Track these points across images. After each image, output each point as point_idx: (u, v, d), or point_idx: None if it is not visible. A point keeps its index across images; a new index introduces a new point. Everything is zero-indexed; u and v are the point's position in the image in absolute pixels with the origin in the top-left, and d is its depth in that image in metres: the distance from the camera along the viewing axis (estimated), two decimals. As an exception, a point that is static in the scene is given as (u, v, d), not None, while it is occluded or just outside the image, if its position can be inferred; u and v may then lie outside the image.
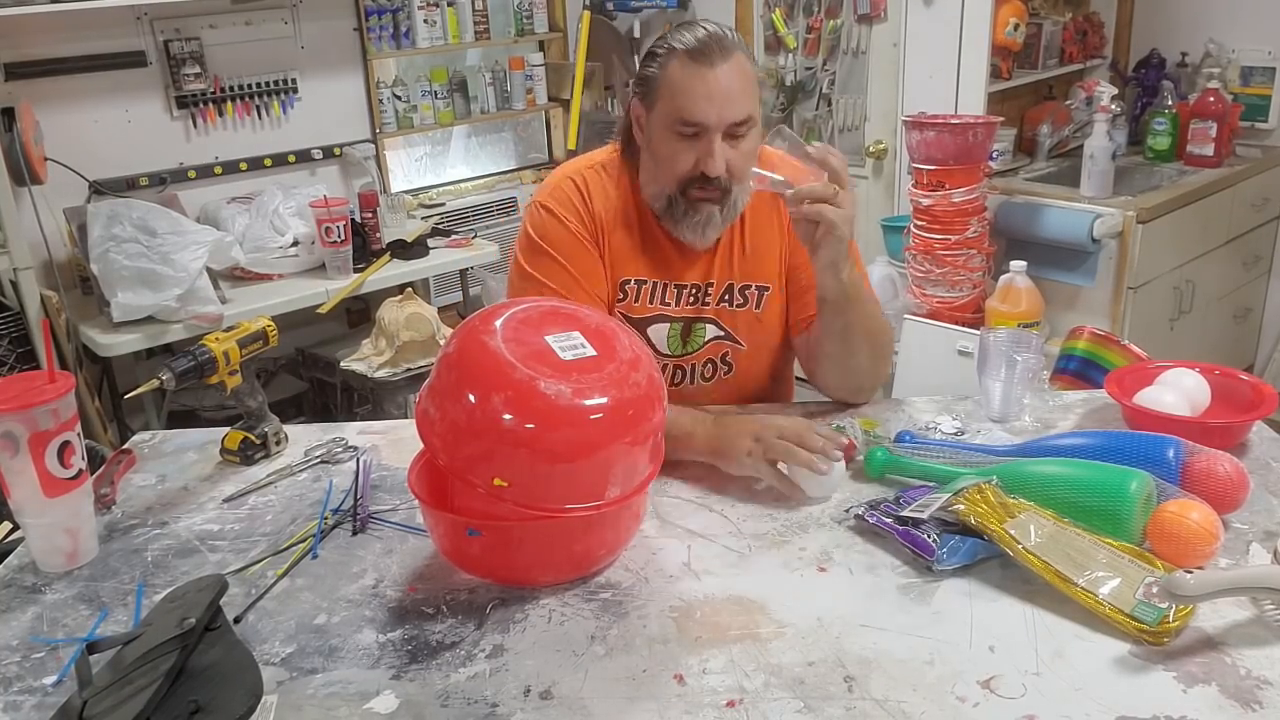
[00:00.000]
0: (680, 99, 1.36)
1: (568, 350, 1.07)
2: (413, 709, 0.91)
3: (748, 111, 1.37)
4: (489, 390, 1.02)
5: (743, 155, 1.39)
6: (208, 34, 3.10)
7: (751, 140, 1.40)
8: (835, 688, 0.90)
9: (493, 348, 1.04)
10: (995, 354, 1.38)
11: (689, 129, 1.37)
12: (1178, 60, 3.37)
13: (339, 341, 3.20)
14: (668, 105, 1.38)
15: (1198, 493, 1.09)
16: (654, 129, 1.41)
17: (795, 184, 1.28)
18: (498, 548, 1.07)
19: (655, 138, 1.41)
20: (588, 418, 1.02)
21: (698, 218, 1.42)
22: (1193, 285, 3.04)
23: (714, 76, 1.35)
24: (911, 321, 2.84)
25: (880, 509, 1.14)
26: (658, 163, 1.42)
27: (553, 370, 1.03)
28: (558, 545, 1.07)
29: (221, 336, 1.39)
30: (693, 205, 1.41)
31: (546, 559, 1.07)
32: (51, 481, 1.11)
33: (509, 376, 1.01)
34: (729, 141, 1.38)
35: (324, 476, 1.36)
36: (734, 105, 1.36)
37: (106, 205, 2.67)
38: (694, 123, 1.36)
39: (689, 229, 1.44)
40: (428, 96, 3.60)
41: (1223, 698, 0.87)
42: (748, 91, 1.38)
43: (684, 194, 1.41)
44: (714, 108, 1.35)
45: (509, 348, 1.04)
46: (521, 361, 1.03)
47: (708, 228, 1.43)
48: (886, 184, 3.42)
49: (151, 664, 0.91)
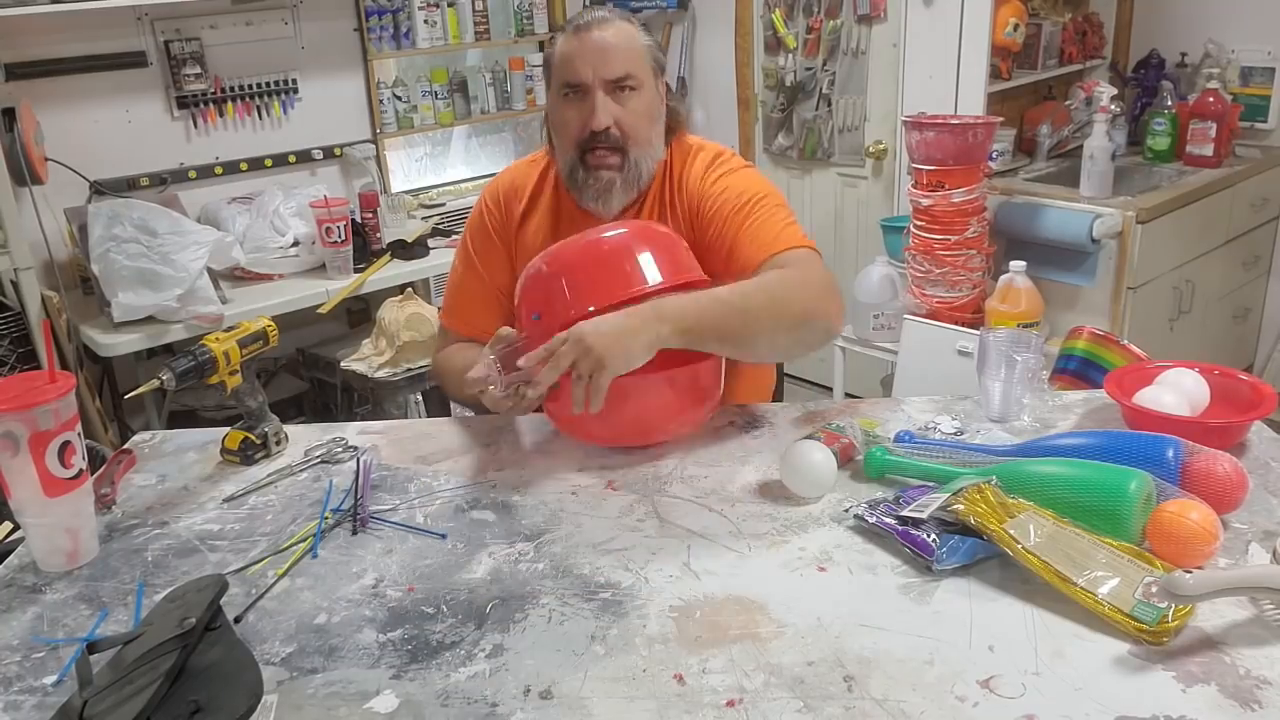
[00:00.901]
0: (562, 66, 1.47)
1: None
2: (413, 709, 0.91)
3: (626, 69, 1.45)
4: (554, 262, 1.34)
5: (633, 114, 1.47)
6: (208, 34, 3.10)
7: (641, 101, 1.48)
8: (835, 687, 0.90)
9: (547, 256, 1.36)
10: (995, 354, 1.38)
11: (572, 90, 1.47)
12: (1177, 60, 3.37)
13: (339, 341, 3.21)
14: (556, 77, 1.49)
15: (1197, 493, 1.09)
16: (550, 104, 1.53)
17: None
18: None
19: (551, 110, 1.53)
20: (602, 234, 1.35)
21: (598, 184, 1.49)
22: (1192, 285, 3.04)
23: (589, 38, 1.46)
24: (911, 321, 2.84)
25: (880, 509, 1.14)
26: (556, 134, 1.53)
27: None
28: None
29: (222, 336, 1.39)
30: (592, 172, 1.48)
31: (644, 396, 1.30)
32: (52, 481, 1.11)
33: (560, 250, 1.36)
34: (615, 98, 1.46)
35: (324, 476, 1.36)
36: (610, 62, 1.45)
37: (107, 205, 2.68)
38: (573, 83, 1.46)
39: (592, 197, 1.50)
40: (428, 97, 3.60)
41: (1222, 697, 0.87)
42: (628, 51, 1.46)
43: (583, 160, 1.48)
44: (589, 65, 1.45)
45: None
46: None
47: (610, 194, 1.49)
48: (886, 184, 3.42)
49: (152, 664, 0.91)
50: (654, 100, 1.50)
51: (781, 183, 3.74)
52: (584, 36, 1.46)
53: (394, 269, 3.08)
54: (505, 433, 1.46)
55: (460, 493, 1.30)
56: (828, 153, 3.58)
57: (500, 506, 1.26)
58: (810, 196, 3.70)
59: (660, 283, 1.30)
